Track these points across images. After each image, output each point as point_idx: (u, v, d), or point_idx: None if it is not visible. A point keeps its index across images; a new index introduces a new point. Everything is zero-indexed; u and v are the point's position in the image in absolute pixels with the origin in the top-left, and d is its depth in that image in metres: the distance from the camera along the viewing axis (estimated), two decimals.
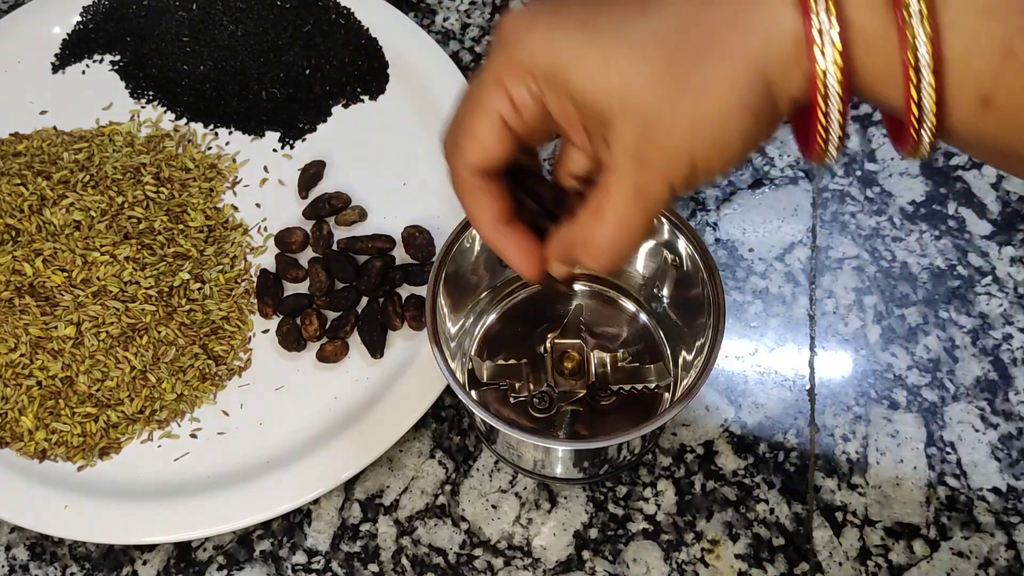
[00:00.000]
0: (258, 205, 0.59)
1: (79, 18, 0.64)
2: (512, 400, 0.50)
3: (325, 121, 0.62)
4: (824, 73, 0.28)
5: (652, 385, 0.50)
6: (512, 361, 0.51)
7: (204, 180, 0.59)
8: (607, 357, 0.50)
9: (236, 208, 0.59)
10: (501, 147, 0.33)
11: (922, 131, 0.29)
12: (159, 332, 0.54)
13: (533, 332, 0.52)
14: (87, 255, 0.54)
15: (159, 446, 0.53)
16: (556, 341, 0.50)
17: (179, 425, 0.54)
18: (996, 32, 0.27)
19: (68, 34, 0.64)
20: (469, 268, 0.49)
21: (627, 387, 0.50)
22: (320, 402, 0.53)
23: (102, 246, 0.54)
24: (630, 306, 0.53)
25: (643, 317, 0.52)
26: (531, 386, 0.50)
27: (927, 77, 0.28)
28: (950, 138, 0.30)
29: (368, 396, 0.53)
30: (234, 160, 0.60)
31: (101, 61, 0.64)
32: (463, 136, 0.33)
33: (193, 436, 0.53)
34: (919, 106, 0.28)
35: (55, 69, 0.63)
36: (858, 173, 0.60)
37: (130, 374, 0.53)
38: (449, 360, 0.45)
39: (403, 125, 0.61)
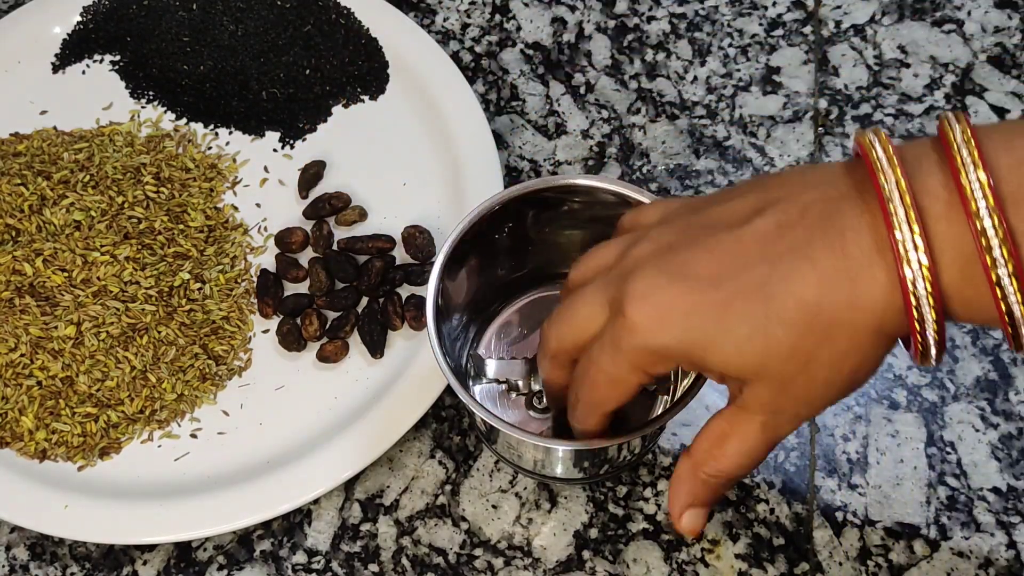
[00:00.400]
0: (258, 205, 0.59)
1: (79, 18, 0.64)
2: (512, 398, 0.50)
3: (325, 121, 0.62)
4: (921, 320, 0.32)
5: (651, 387, 0.49)
6: (512, 358, 0.51)
7: (204, 180, 0.59)
8: None
9: (236, 208, 0.59)
10: (632, 396, 0.38)
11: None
12: (159, 332, 0.54)
13: (534, 331, 0.52)
14: (87, 255, 0.54)
15: (159, 446, 0.53)
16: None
17: (179, 425, 0.54)
18: None
19: (68, 34, 0.64)
20: (472, 267, 0.49)
21: None
22: (320, 402, 0.53)
23: (102, 246, 0.54)
24: None
25: None
26: (532, 384, 0.50)
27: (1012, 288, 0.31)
28: None
29: (368, 396, 0.53)
30: (234, 160, 0.60)
31: (101, 61, 0.64)
32: (604, 396, 0.38)
33: (193, 436, 0.53)
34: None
35: (55, 69, 0.63)
36: None
37: (130, 374, 0.53)
38: (448, 358, 0.44)
39: (403, 125, 0.61)
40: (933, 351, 0.33)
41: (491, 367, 0.49)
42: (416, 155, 0.60)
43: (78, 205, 0.56)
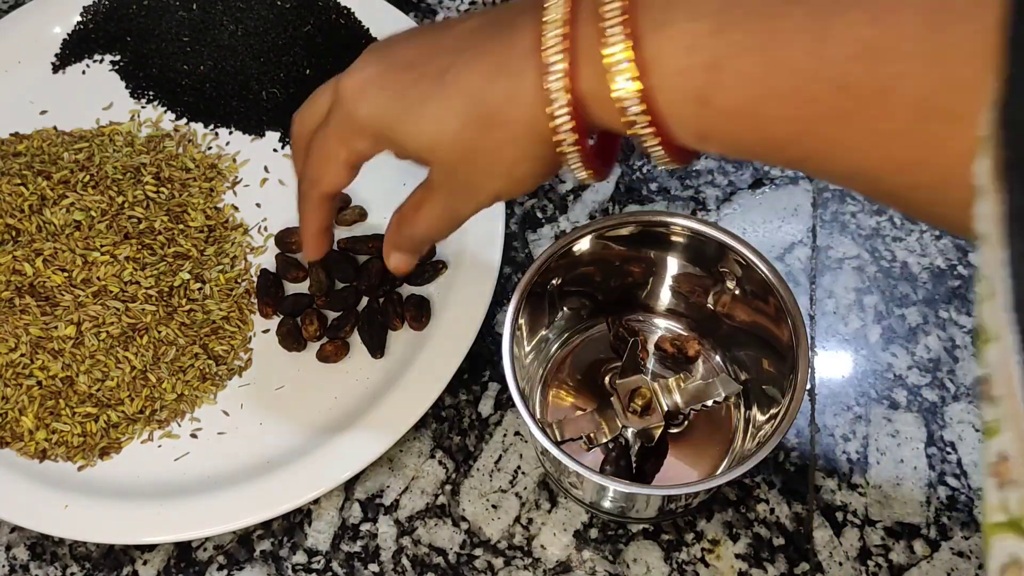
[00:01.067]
0: (258, 205, 0.59)
1: (79, 18, 0.64)
2: (587, 450, 0.49)
3: None
4: (559, 122, 0.34)
5: (721, 398, 0.48)
6: (579, 411, 0.50)
7: (204, 180, 0.59)
8: (671, 383, 0.49)
9: (236, 208, 0.59)
10: (346, 179, 0.42)
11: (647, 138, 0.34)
12: (159, 332, 0.54)
13: (593, 377, 0.52)
14: (87, 255, 0.54)
15: (159, 446, 0.53)
16: (619, 382, 0.49)
17: (179, 425, 0.54)
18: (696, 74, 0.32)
19: (68, 34, 0.64)
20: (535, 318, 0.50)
21: (697, 406, 0.48)
22: (320, 402, 0.53)
23: (102, 246, 0.54)
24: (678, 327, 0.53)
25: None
26: (607, 432, 0.49)
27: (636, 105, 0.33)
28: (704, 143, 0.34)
29: (368, 396, 0.53)
30: (234, 160, 0.60)
31: (101, 61, 0.64)
32: (318, 173, 0.42)
33: (193, 436, 0.53)
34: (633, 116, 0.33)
35: (55, 69, 0.63)
36: None
37: (130, 374, 0.53)
38: (537, 422, 0.44)
39: None
40: (575, 157, 0.35)
41: (564, 424, 0.48)
42: None
43: (78, 205, 0.56)
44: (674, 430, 0.50)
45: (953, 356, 0.54)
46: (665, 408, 0.49)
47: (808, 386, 0.54)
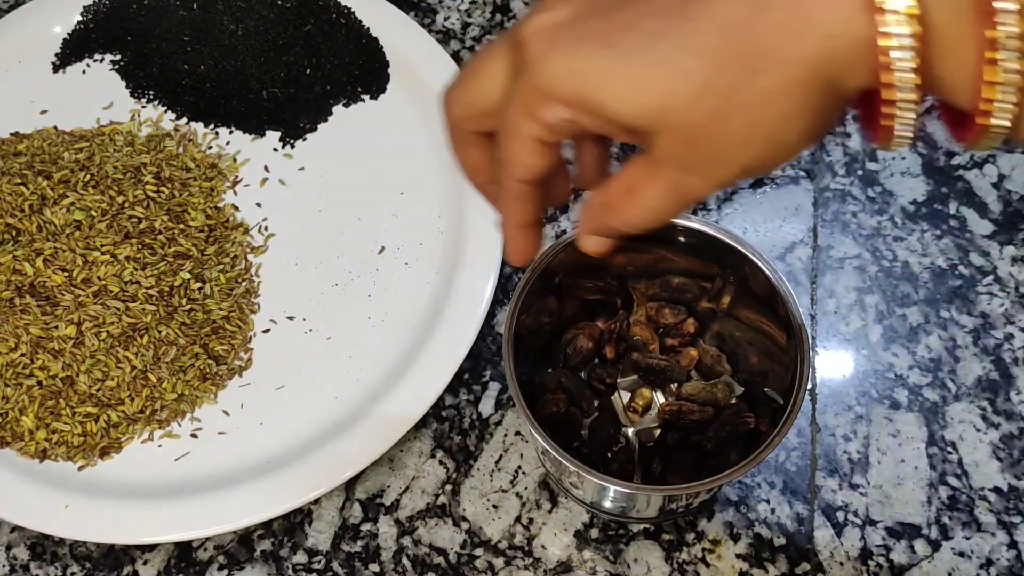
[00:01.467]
0: (259, 204, 0.59)
1: (80, 18, 0.64)
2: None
3: (326, 120, 0.62)
4: (897, 72, 0.26)
5: (722, 400, 0.49)
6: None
7: (205, 180, 0.59)
8: (672, 385, 0.49)
9: (237, 208, 0.59)
10: (543, 162, 0.32)
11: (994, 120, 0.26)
12: (160, 332, 0.54)
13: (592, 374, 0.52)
14: (88, 255, 0.54)
15: (160, 446, 0.53)
16: (620, 380, 0.49)
17: (180, 425, 0.54)
18: None
19: (69, 34, 0.64)
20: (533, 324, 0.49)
21: (699, 408, 0.49)
22: (321, 402, 0.53)
23: (103, 246, 0.54)
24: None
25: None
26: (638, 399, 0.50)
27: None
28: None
29: (368, 396, 0.53)
30: (235, 159, 0.60)
31: (102, 61, 0.64)
32: (506, 155, 0.33)
33: (194, 436, 0.53)
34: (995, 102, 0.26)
35: (56, 69, 0.63)
36: (859, 172, 0.59)
37: (130, 374, 0.53)
38: (537, 423, 0.43)
39: (404, 124, 0.61)
40: (905, 122, 0.27)
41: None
42: (416, 155, 0.60)
43: (78, 205, 0.56)
44: (674, 432, 0.50)
45: (954, 356, 0.54)
46: (662, 406, 0.49)
47: (809, 386, 0.54)
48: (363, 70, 0.62)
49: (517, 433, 0.54)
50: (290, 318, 0.56)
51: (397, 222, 0.58)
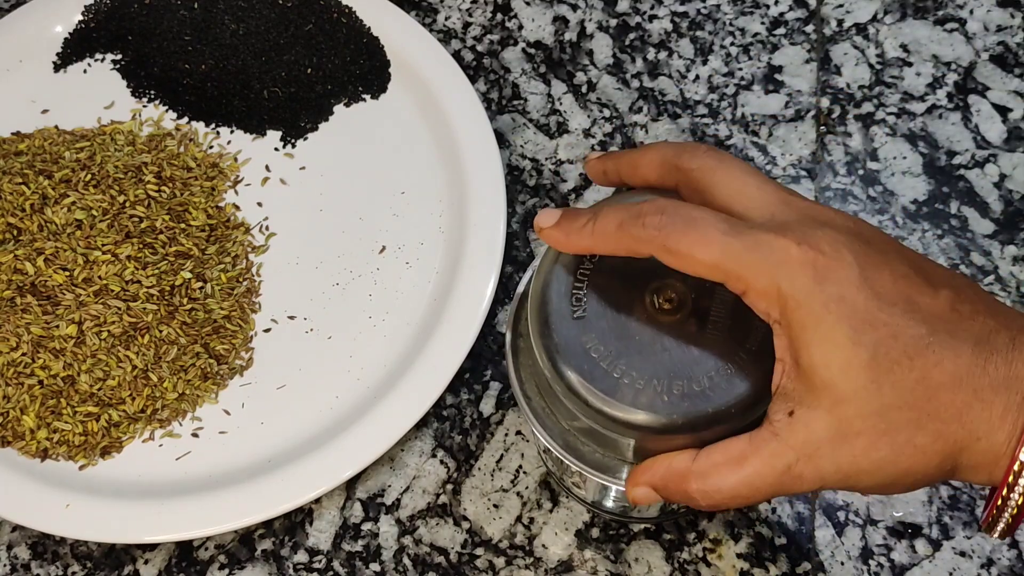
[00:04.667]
0: (260, 204, 0.59)
1: (81, 17, 0.64)
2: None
3: (327, 120, 0.62)
4: (1012, 487, 0.31)
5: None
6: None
7: (206, 179, 0.59)
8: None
9: (238, 207, 0.59)
10: None
11: None
12: (161, 331, 0.54)
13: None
14: (88, 254, 0.54)
15: (160, 445, 0.53)
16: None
17: (181, 424, 0.54)
18: None
19: (70, 33, 0.64)
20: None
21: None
22: (322, 401, 0.53)
23: (104, 245, 0.54)
24: None
25: None
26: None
27: None
28: None
29: (369, 395, 0.53)
30: (235, 159, 0.60)
31: (103, 60, 0.64)
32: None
33: (195, 435, 0.53)
34: None
35: (56, 68, 0.63)
36: (860, 172, 0.59)
37: (131, 373, 0.53)
38: (539, 421, 0.42)
39: (405, 124, 0.61)
40: (999, 527, 0.33)
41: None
42: (417, 154, 0.60)
43: (80, 204, 0.56)
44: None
45: None
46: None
47: None
48: (364, 70, 0.62)
49: (518, 433, 0.54)
50: (291, 317, 0.56)
51: (398, 222, 0.58)
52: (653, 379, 0.36)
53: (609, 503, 0.49)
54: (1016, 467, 0.31)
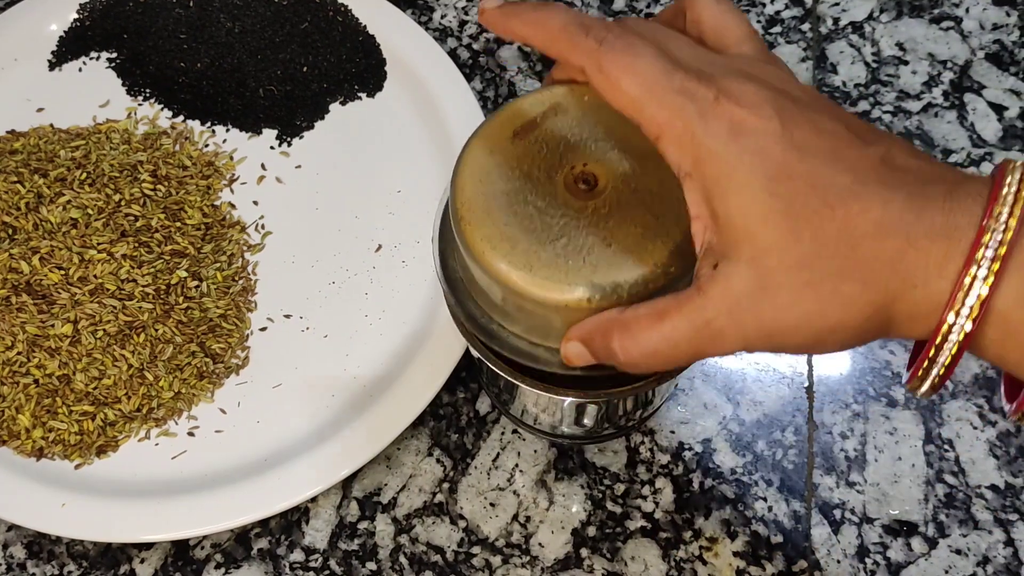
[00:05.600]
0: (255, 203, 0.59)
1: (76, 15, 0.64)
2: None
3: (323, 119, 0.61)
4: (946, 336, 0.30)
5: None
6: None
7: (201, 178, 0.59)
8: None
9: (233, 206, 0.59)
10: None
11: None
12: (156, 330, 0.54)
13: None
14: (84, 253, 0.54)
15: (156, 444, 0.53)
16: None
17: (176, 423, 0.53)
18: None
19: (65, 31, 0.64)
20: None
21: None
22: (318, 400, 0.53)
23: (99, 244, 0.54)
24: None
25: None
26: None
27: None
28: None
29: (365, 394, 0.53)
30: (231, 158, 0.60)
31: (98, 59, 0.63)
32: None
33: (191, 434, 0.53)
34: None
35: (52, 66, 0.63)
36: None
37: (127, 372, 0.53)
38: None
39: (401, 122, 0.61)
40: (927, 384, 0.31)
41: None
42: (413, 153, 0.60)
43: (75, 203, 0.55)
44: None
45: None
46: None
47: (806, 383, 0.54)
48: (360, 68, 0.62)
49: (514, 431, 0.54)
50: (287, 316, 0.56)
51: (394, 220, 0.58)
52: (581, 254, 0.36)
53: (565, 427, 0.48)
54: (952, 314, 0.29)
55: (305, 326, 0.56)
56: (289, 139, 0.61)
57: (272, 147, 0.61)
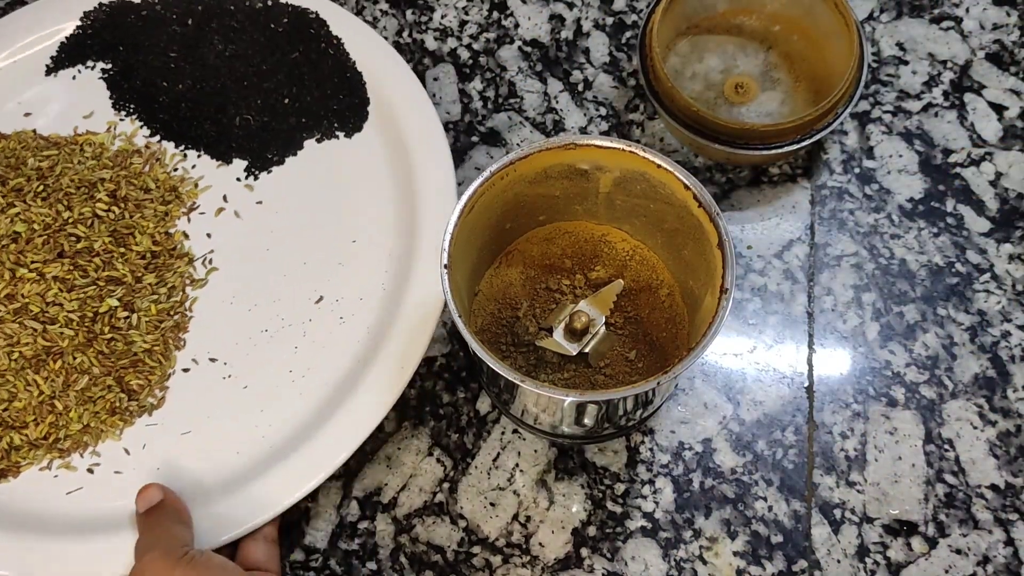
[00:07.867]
0: (208, 235, 0.58)
1: (79, 23, 0.64)
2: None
3: (295, 155, 0.61)
4: None
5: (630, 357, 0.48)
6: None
7: (161, 203, 0.58)
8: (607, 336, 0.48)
9: (187, 235, 0.58)
10: None
11: None
12: (74, 358, 0.52)
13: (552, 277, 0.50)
14: (16, 270, 0.53)
15: (56, 476, 0.52)
16: (582, 306, 0.48)
17: (81, 457, 0.52)
18: None
19: (66, 37, 0.63)
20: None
21: (604, 363, 0.48)
22: (221, 454, 0.53)
23: (32, 262, 0.53)
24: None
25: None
26: (528, 325, 0.48)
27: None
28: None
29: (270, 455, 0.52)
30: (196, 185, 0.59)
31: (93, 68, 0.63)
32: None
33: (90, 471, 0.52)
34: None
35: (48, 71, 0.63)
36: (856, 170, 0.60)
37: (37, 398, 0.52)
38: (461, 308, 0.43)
39: (372, 169, 0.60)
40: None
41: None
42: (377, 203, 0.59)
43: (23, 216, 0.54)
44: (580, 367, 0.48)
45: (951, 353, 0.54)
46: (588, 348, 0.48)
47: (807, 383, 0.54)
48: (342, 105, 0.61)
49: (515, 431, 0.54)
50: (212, 360, 0.55)
51: (341, 272, 0.57)
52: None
53: (565, 427, 0.48)
54: None
55: (228, 373, 0.54)
56: (257, 172, 0.60)
57: (239, 178, 0.60)
